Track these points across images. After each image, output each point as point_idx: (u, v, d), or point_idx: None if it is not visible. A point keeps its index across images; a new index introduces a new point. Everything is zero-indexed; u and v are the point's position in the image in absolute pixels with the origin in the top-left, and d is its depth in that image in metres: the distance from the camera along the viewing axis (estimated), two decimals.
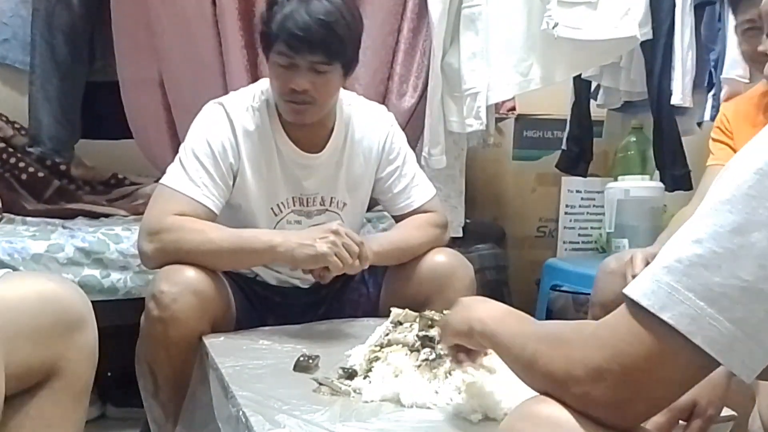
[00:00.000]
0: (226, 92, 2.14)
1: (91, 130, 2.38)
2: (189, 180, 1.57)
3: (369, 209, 2.01)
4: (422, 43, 2.34)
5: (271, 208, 1.68)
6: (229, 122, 1.62)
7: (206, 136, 1.61)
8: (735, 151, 1.76)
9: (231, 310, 1.58)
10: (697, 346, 0.67)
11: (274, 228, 1.67)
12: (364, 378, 1.26)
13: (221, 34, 2.16)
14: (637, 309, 0.71)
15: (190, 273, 1.48)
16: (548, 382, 0.76)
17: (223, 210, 1.62)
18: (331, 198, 1.73)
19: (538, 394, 0.79)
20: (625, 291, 0.73)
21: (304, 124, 1.64)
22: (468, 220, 2.58)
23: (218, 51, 2.18)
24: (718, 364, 0.69)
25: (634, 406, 0.72)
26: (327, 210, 1.73)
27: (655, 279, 0.70)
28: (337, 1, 1.54)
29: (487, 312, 0.94)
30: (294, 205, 1.70)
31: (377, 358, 1.29)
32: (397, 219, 1.81)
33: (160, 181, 1.61)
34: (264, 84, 1.70)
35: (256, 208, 1.66)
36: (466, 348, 1.05)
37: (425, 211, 1.78)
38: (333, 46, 1.53)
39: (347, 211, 1.75)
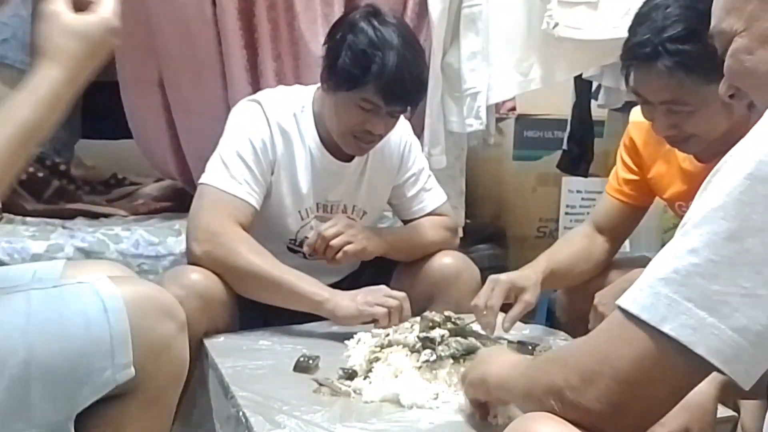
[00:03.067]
0: (225, 92, 2.15)
1: (91, 130, 2.38)
2: (231, 177, 1.57)
3: None
4: (422, 42, 2.33)
5: (299, 212, 1.69)
6: (266, 120, 1.64)
7: (247, 134, 1.62)
8: (646, 184, 1.66)
9: (234, 311, 1.58)
10: (698, 356, 0.67)
11: (298, 232, 1.70)
12: (364, 378, 1.26)
13: (221, 34, 2.15)
14: (633, 320, 0.70)
15: (195, 276, 1.48)
16: (548, 396, 0.75)
17: None
18: (353, 206, 1.75)
19: None
20: (620, 303, 0.72)
21: None
22: (468, 221, 2.57)
23: (218, 51, 2.17)
24: (713, 369, 0.68)
25: (627, 414, 0.71)
26: (348, 217, 1.74)
27: (654, 291, 0.69)
28: (422, 53, 1.61)
29: (499, 363, 0.95)
30: (317, 212, 1.72)
31: (377, 359, 1.29)
32: (407, 223, 1.83)
33: (201, 180, 1.61)
34: (299, 92, 1.72)
35: (284, 206, 1.67)
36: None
37: (437, 215, 1.81)
38: (419, 98, 1.62)
39: (366, 220, 1.76)
